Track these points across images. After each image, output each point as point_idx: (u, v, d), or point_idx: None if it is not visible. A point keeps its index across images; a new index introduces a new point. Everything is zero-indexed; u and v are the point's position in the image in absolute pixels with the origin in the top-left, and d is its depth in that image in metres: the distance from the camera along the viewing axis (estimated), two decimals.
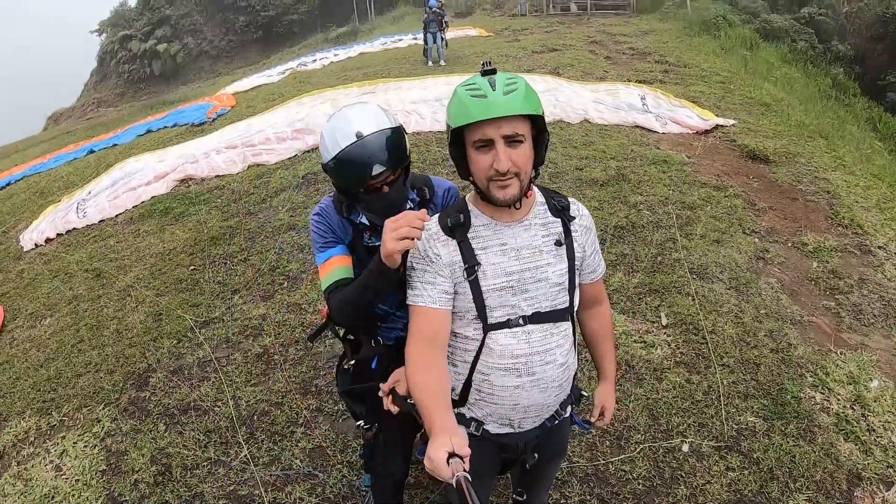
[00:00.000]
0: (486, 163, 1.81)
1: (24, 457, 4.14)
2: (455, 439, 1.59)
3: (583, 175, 7.59)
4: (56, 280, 6.90)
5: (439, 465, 1.54)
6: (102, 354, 5.19)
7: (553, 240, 2.00)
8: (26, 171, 13.68)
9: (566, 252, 2.02)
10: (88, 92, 53.45)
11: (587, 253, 2.11)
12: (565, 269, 2.01)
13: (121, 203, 8.83)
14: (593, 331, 2.34)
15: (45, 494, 3.73)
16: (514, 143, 1.80)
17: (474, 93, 1.79)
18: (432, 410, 1.75)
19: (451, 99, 1.88)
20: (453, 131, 1.86)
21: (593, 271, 2.18)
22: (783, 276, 5.53)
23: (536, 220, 2.00)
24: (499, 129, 1.77)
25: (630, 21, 23.85)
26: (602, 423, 2.39)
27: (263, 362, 4.72)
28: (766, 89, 12.71)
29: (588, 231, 2.12)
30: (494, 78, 1.81)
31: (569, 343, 2.06)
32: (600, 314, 2.33)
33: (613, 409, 2.39)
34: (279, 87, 16.72)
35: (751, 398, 4.01)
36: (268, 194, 7.94)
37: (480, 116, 1.75)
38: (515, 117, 1.78)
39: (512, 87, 1.78)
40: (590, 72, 13.53)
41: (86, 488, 3.73)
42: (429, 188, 2.44)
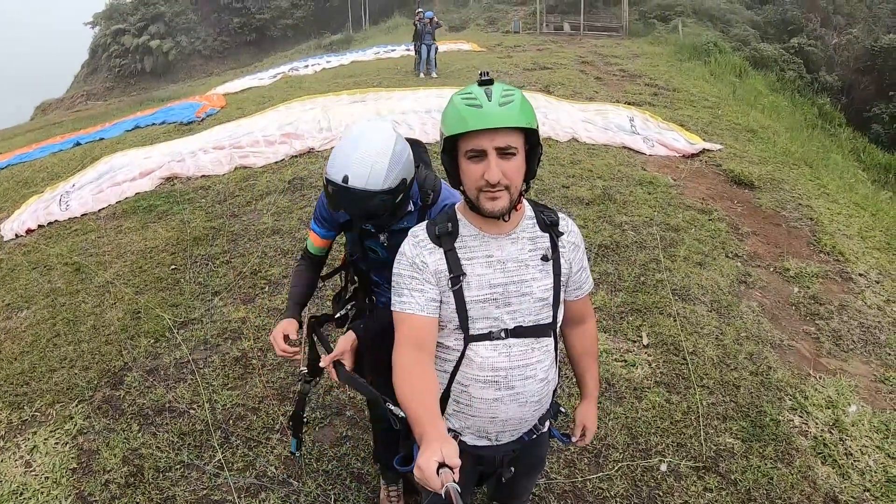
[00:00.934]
0: (477, 173, 1.80)
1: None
2: (446, 448, 1.57)
3: (569, 193, 7.60)
4: (35, 272, 6.76)
5: (429, 475, 1.51)
6: (78, 350, 5.08)
7: (540, 254, 1.99)
8: (11, 160, 13.39)
9: (552, 268, 2.01)
10: (78, 84, 52.89)
11: (573, 269, 2.10)
12: (550, 284, 2.00)
13: (104, 198, 8.68)
14: (577, 349, 2.31)
15: (14, 491, 3.65)
16: (506, 155, 1.79)
17: (470, 102, 1.78)
18: (422, 417, 1.71)
19: (446, 106, 1.87)
20: (446, 139, 1.85)
21: (579, 288, 2.16)
22: (764, 300, 5.56)
23: (524, 234, 1.99)
24: (492, 141, 1.77)
25: (622, 43, 24.13)
26: (583, 442, 2.37)
27: (241, 366, 4.65)
28: (754, 116, 12.87)
29: (576, 248, 2.10)
30: (491, 88, 1.79)
31: (550, 359, 2.04)
32: (585, 332, 2.30)
33: (595, 430, 2.37)
34: (270, 91, 16.65)
35: (730, 420, 4.02)
36: (253, 197, 7.87)
37: (475, 126, 1.75)
38: (509, 130, 1.78)
39: (508, 99, 1.78)
40: (580, 91, 13.61)
41: (55, 486, 3.65)
42: (434, 194, 2.44)
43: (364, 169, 2.15)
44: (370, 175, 2.15)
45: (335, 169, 2.18)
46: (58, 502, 3.55)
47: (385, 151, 2.17)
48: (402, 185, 2.22)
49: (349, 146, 2.20)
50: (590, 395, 2.35)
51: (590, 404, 2.36)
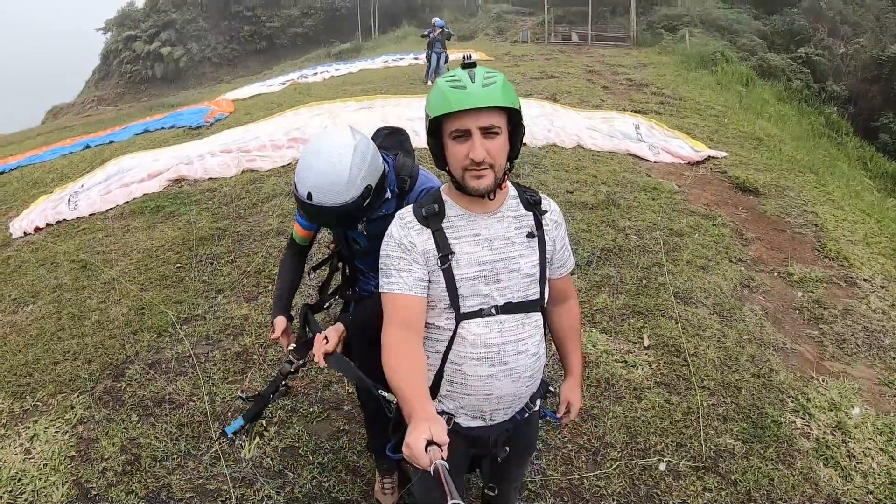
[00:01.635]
0: (462, 153, 1.84)
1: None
2: (434, 427, 1.58)
3: (573, 198, 7.60)
4: (42, 268, 6.83)
5: (418, 452, 1.52)
6: (82, 344, 5.12)
7: (525, 232, 2.03)
8: (21, 162, 13.49)
9: (538, 244, 2.05)
10: (89, 89, 53.31)
11: (557, 247, 2.15)
12: (537, 261, 2.03)
13: (112, 198, 8.76)
14: (561, 326, 2.35)
15: (12, 476, 3.68)
16: (490, 134, 1.83)
17: (454, 84, 1.83)
18: (411, 397, 1.72)
19: (431, 90, 1.92)
20: (432, 121, 1.89)
21: (562, 266, 2.22)
22: (768, 304, 5.53)
23: (509, 213, 2.03)
24: (476, 121, 1.81)
25: (629, 53, 24.13)
26: (568, 419, 2.39)
27: (242, 361, 4.67)
28: (760, 125, 12.84)
29: (559, 225, 2.16)
30: (474, 71, 1.84)
31: (540, 334, 2.07)
32: (569, 310, 2.35)
33: (580, 405, 2.39)
34: (278, 97, 16.73)
35: (730, 421, 3.98)
36: (259, 199, 7.91)
37: (459, 106, 1.78)
38: (492, 110, 1.82)
39: (491, 80, 1.83)
40: (586, 99, 13.63)
41: (53, 473, 3.68)
42: (411, 180, 2.45)
43: (326, 184, 2.17)
44: (332, 190, 2.17)
45: (301, 185, 2.22)
46: (55, 488, 3.56)
47: (345, 163, 2.18)
48: (368, 190, 2.23)
49: (311, 159, 2.23)
50: (574, 372, 2.38)
51: (574, 381, 2.38)
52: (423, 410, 1.67)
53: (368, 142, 2.32)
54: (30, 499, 3.52)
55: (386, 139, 2.67)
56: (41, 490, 3.57)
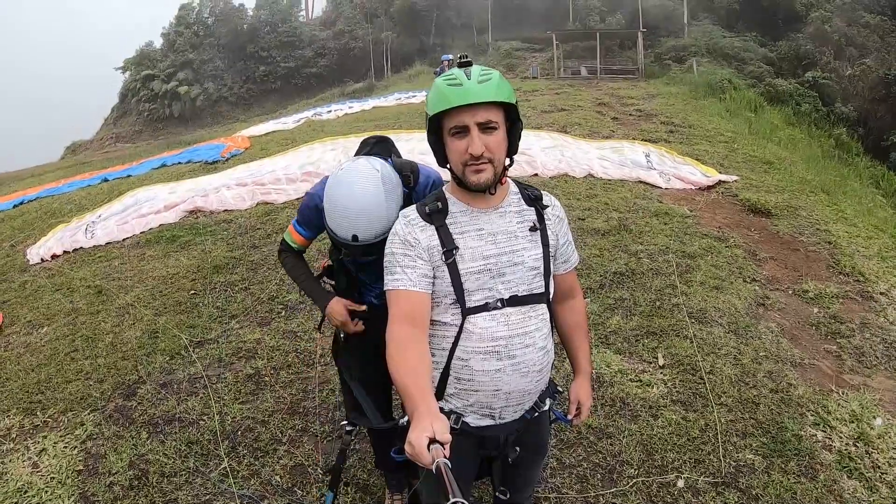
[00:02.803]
0: (461, 148, 1.90)
1: (3, 451, 4.14)
2: (437, 424, 1.58)
3: (585, 225, 7.61)
4: (58, 293, 6.94)
5: (420, 450, 1.53)
6: (94, 364, 5.18)
7: (528, 226, 2.06)
8: (40, 193, 13.87)
9: (541, 238, 2.08)
10: (108, 126, 54.57)
11: (560, 242, 2.18)
12: (540, 254, 2.06)
13: (129, 228, 8.93)
14: (568, 324, 2.34)
15: (18, 488, 3.73)
16: (487, 129, 1.89)
17: (451, 82, 1.89)
18: (414, 393, 1.73)
19: (430, 91, 1.98)
20: (431, 119, 1.95)
21: (566, 261, 2.24)
22: (784, 321, 5.47)
23: (511, 208, 2.07)
24: (473, 116, 1.86)
25: (638, 85, 24.31)
26: (578, 420, 2.35)
27: (254, 383, 4.71)
28: (770, 149, 12.83)
29: (560, 220, 2.20)
30: (470, 69, 1.91)
31: (547, 327, 2.08)
32: (574, 307, 2.35)
33: (590, 405, 2.35)
34: (293, 134, 17.00)
35: (749, 436, 3.91)
36: (273, 230, 8.02)
37: (457, 102, 1.85)
38: (489, 105, 1.87)
39: (486, 77, 1.89)
40: (596, 130, 13.71)
41: (60, 486, 3.73)
42: (413, 175, 2.52)
43: (368, 223, 2.27)
44: (376, 226, 2.27)
45: (342, 231, 2.31)
46: (61, 500, 3.61)
47: (380, 198, 2.27)
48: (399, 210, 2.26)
49: (344, 201, 2.29)
50: (582, 370, 2.36)
51: (583, 380, 2.35)
52: (426, 407, 1.67)
53: (383, 163, 2.40)
54: None
55: (375, 147, 2.72)
56: (47, 502, 3.62)
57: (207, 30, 53.69)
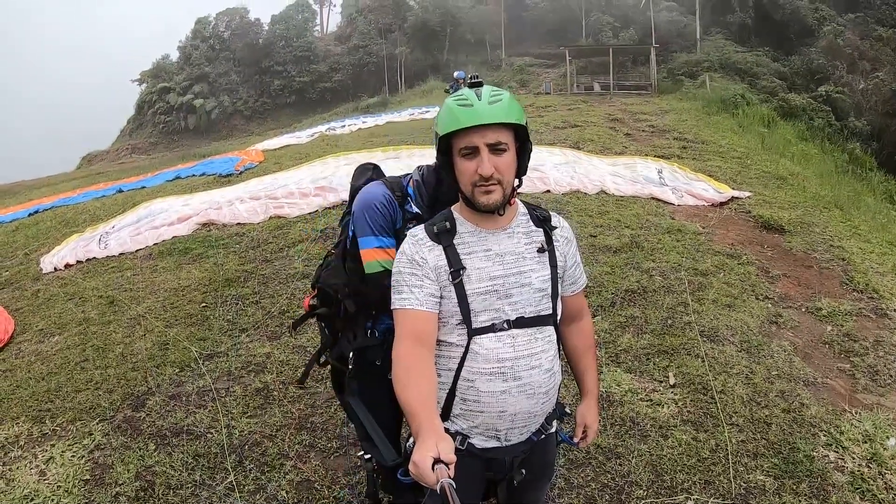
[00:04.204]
0: (471, 169, 1.91)
1: (10, 458, 4.17)
2: (441, 444, 1.58)
3: (596, 242, 7.59)
4: (70, 302, 7.06)
5: (424, 470, 1.52)
6: (104, 374, 5.24)
7: (536, 247, 2.06)
8: (56, 203, 14.27)
9: (549, 259, 2.07)
10: (123, 137, 55.71)
11: (569, 263, 2.18)
12: (548, 275, 2.05)
13: (142, 239, 9.08)
14: (575, 346, 2.33)
15: (25, 496, 3.75)
16: (497, 150, 1.90)
17: (462, 102, 1.90)
18: (420, 413, 1.73)
19: (440, 110, 1.98)
20: (441, 139, 1.95)
21: (574, 283, 2.23)
22: (796, 339, 5.42)
23: (519, 229, 2.07)
24: (483, 137, 1.87)
25: (651, 100, 24.32)
26: (585, 443, 2.33)
27: (262, 397, 4.73)
28: (783, 164, 12.80)
29: (569, 242, 2.19)
30: (481, 90, 1.92)
31: (553, 349, 2.07)
32: (581, 329, 2.34)
33: (597, 428, 2.33)
34: (307, 148, 17.17)
35: (760, 457, 3.87)
36: (286, 244, 8.10)
37: (467, 123, 1.86)
38: (499, 126, 1.88)
39: (497, 98, 1.90)
40: (609, 147, 13.73)
41: (66, 495, 3.76)
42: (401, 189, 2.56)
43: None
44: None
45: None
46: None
47: None
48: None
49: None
50: (589, 392, 2.34)
51: (590, 402, 2.33)
52: (430, 427, 1.67)
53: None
54: None
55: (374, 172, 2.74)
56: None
57: (223, 44, 54.51)
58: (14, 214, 14.09)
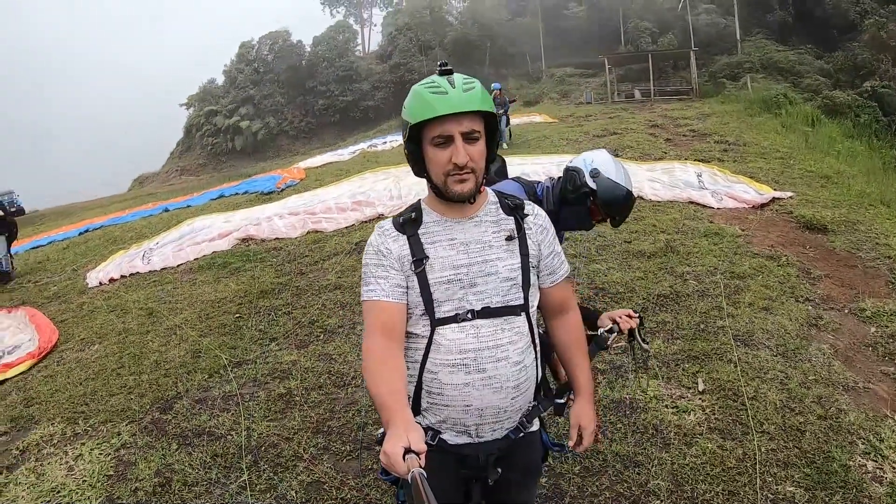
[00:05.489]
0: (444, 158, 1.86)
1: (43, 455, 4.50)
2: (411, 434, 1.56)
3: (630, 248, 7.47)
4: (112, 314, 7.49)
5: (395, 460, 1.51)
6: (138, 380, 5.56)
7: (504, 235, 2.00)
8: (105, 222, 15.13)
9: (519, 248, 2.00)
10: (173, 160, 57.45)
11: (543, 252, 2.08)
12: (517, 264, 1.98)
13: (184, 255, 9.47)
14: (563, 341, 2.21)
15: (53, 488, 4.03)
16: (471, 139, 1.87)
17: (435, 90, 1.85)
18: (390, 405, 1.70)
19: (409, 98, 1.92)
20: (412, 128, 1.90)
21: (552, 273, 2.12)
22: (837, 342, 5.16)
23: (488, 218, 2.02)
24: (458, 126, 1.84)
25: (692, 105, 23.99)
26: (581, 448, 2.17)
27: (284, 402, 4.86)
28: (828, 163, 12.43)
29: (543, 230, 2.10)
30: (453, 77, 1.87)
31: (524, 341, 1.97)
32: (567, 323, 2.21)
33: (594, 430, 2.17)
34: (348, 165, 17.63)
35: (791, 467, 3.63)
36: (321, 257, 8.35)
37: (442, 111, 1.81)
38: (473, 115, 1.86)
39: (470, 86, 1.86)
40: (648, 153, 13.64)
41: (90, 488, 3.99)
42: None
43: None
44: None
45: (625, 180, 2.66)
46: (89, 501, 3.88)
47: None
48: None
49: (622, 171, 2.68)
50: (583, 391, 2.19)
51: (584, 402, 2.18)
52: (401, 418, 1.65)
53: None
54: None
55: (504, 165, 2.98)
56: (76, 502, 3.89)
57: (267, 66, 55.46)
58: (66, 234, 15.09)
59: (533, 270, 2.04)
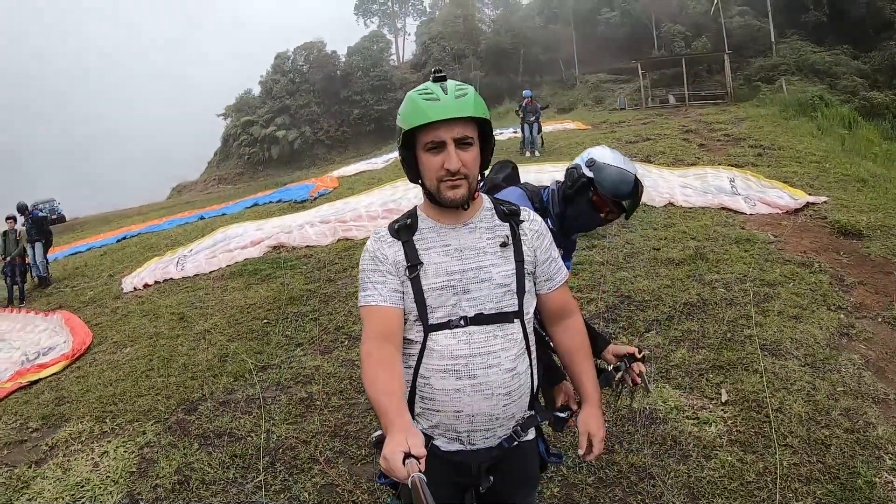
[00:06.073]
0: (437, 164, 1.87)
1: (70, 451, 4.74)
2: (411, 439, 1.55)
3: (659, 255, 7.39)
4: (144, 318, 7.79)
5: (395, 465, 1.50)
6: (166, 382, 5.79)
7: (499, 242, 1.99)
8: (142, 230, 15.58)
9: (513, 254, 1.99)
10: (211, 169, 58.83)
11: (539, 258, 2.06)
12: (512, 270, 1.97)
13: (216, 262, 9.72)
14: (565, 346, 2.16)
15: (78, 483, 4.26)
16: (463, 145, 1.87)
17: (427, 96, 1.86)
18: (389, 409, 1.69)
19: (403, 104, 1.94)
20: (405, 134, 1.91)
21: (550, 279, 2.10)
22: (869, 352, 5.00)
23: (482, 224, 2.01)
24: (450, 132, 1.84)
25: (727, 109, 23.67)
26: (592, 455, 2.10)
27: (305, 406, 4.99)
28: (865, 166, 12.16)
29: (540, 236, 2.08)
30: (446, 84, 1.89)
31: (517, 348, 1.96)
32: (570, 328, 2.17)
33: (602, 436, 2.10)
34: (381, 173, 17.80)
35: (814, 482, 3.51)
36: (350, 265, 8.47)
37: (435, 117, 1.81)
38: (465, 121, 1.86)
39: (463, 92, 1.87)
40: (681, 158, 13.52)
41: (112, 484, 4.20)
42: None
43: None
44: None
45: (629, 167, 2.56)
46: (110, 496, 4.07)
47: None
48: None
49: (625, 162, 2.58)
50: (590, 397, 2.13)
51: (592, 408, 2.12)
52: (400, 422, 1.64)
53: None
54: (87, 503, 4.05)
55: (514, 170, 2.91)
56: (98, 497, 4.08)
57: (303, 77, 56.31)
58: (104, 240, 15.56)
59: (529, 277, 2.03)
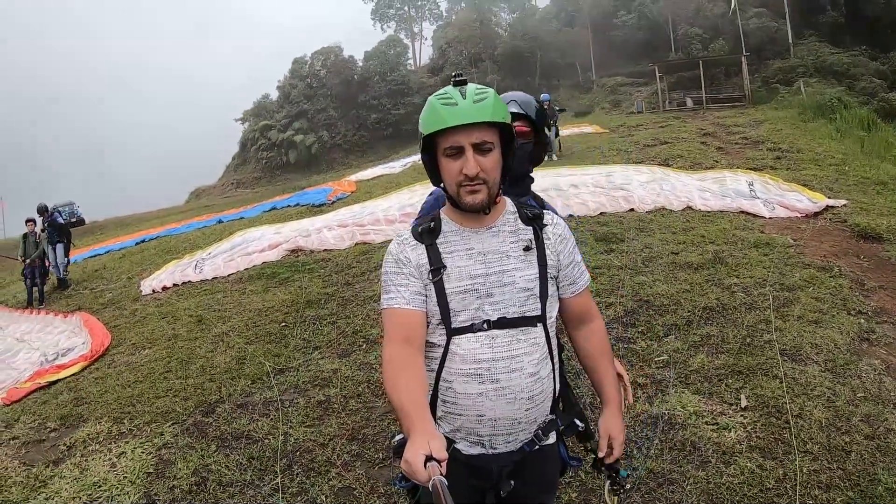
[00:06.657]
0: (455, 169, 1.87)
1: (88, 451, 4.81)
2: (433, 442, 1.55)
3: (678, 259, 7.36)
4: (163, 321, 7.87)
5: (416, 468, 1.49)
6: (184, 384, 5.85)
7: (522, 246, 1.98)
8: (161, 233, 15.82)
9: (537, 258, 1.99)
10: (229, 173, 59.32)
11: (563, 262, 2.06)
12: (535, 274, 1.97)
13: (235, 265, 9.82)
14: (588, 351, 2.16)
15: (95, 483, 4.31)
16: (482, 150, 1.86)
17: (446, 101, 1.86)
18: (411, 412, 1.69)
19: (424, 109, 1.93)
20: (425, 139, 1.92)
21: (573, 283, 2.10)
22: (890, 357, 4.96)
23: (506, 227, 2.01)
24: (468, 137, 1.84)
25: (745, 112, 23.57)
26: (611, 458, 2.10)
27: (322, 409, 5.01)
28: (884, 168, 12.06)
29: (563, 240, 2.07)
30: (465, 88, 1.88)
31: (540, 352, 1.95)
32: (592, 332, 2.17)
33: (623, 440, 2.10)
34: (398, 177, 17.92)
35: (834, 489, 3.50)
36: (368, 268, 8.52)
37: (452, 122, 1.82)
38: (484, 126, 1.84)
39: (482, 97, 1.86)
40: (699, 162, 13.48)
41: (129, 484, 4.24)
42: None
43: None
44: None
45: None
46: (127, 496, 4.11)
47: None
48: None
49: None
50: (611, 401, 2.13)
51: (613, 412, 2.11)
52: (422, 425, 1.64)
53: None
54: (104, 503, 4.10)
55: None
56: (115, 497, 4.12)
57: (320, 81, 56.58)
58: (123, 243, 15.79)
59: (552, 281, 2.03)
